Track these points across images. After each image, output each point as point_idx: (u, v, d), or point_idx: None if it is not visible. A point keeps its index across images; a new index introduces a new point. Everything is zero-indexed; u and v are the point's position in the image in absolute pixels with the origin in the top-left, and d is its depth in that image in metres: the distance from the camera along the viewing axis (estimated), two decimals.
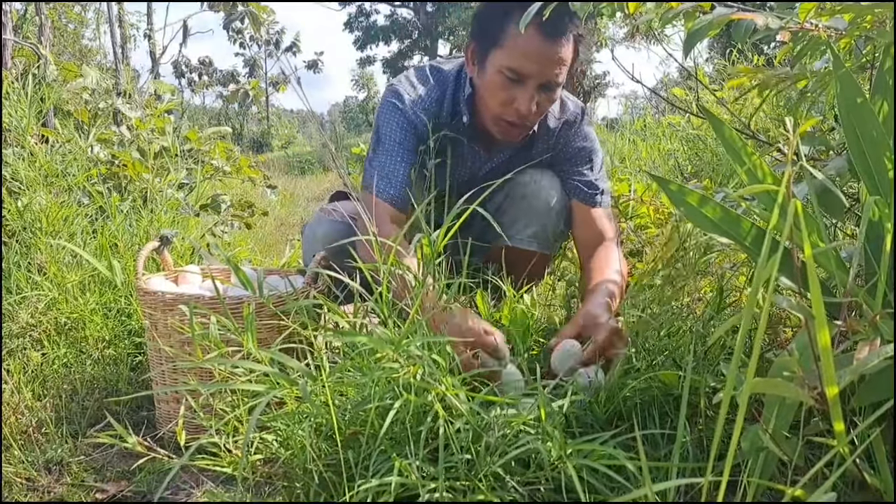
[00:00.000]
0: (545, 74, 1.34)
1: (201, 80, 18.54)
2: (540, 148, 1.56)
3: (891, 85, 0.88)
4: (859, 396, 0.69)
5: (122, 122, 2.62)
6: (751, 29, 1.00)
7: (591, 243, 1.50)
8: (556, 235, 1.52)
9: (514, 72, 1.34)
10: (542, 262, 1.53)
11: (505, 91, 1.37)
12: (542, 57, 1.32)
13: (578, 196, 1.53)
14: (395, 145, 1.44)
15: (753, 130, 1.36)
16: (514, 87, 1.36)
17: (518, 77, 1.34)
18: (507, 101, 1.38)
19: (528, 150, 1.56)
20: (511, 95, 1.37)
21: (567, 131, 1.55)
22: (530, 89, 1.35)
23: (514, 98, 1.36)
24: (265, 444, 1.04)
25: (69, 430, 1.34)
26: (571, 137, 1.55)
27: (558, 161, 1.56)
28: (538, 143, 1.55)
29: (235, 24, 5.16)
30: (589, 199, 1.52)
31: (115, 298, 1.73)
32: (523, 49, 1.32)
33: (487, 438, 0.86)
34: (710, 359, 1.12)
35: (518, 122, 1.41)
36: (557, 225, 1.51)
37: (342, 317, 1.04)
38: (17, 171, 2.05)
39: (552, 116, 1.54)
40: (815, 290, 0.56)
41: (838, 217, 1.01)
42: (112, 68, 6.17)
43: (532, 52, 1.32)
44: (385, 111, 1.48)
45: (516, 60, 1.33)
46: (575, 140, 1.55)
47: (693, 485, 0.89)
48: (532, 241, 1.49)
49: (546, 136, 1.55)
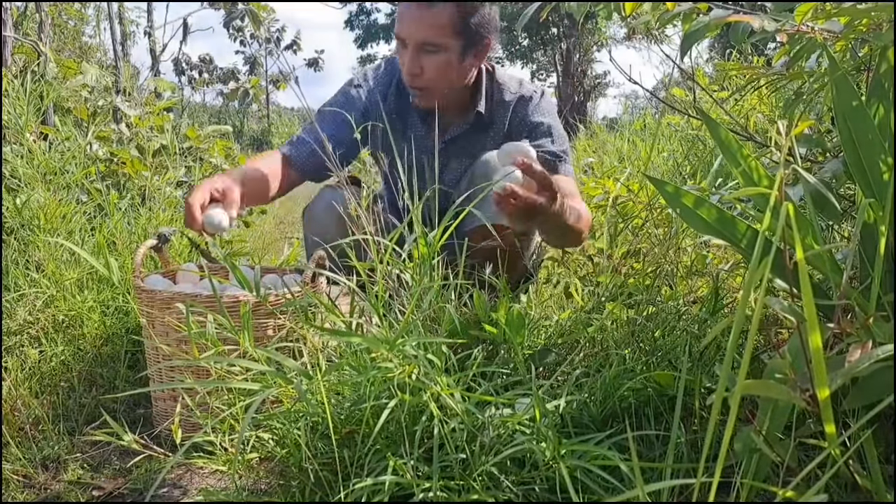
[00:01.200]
0: (414, 35, 1.48)
1: (201, 77, 18.52)
2: (497, 123, 1.63)
3: (887, 88, 0.88)
4: (851, 399, 0.69)
5: (122, 120, 2.62)
6: (748, 31, 1.00)
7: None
8: None
9: (397, 36, 1.51)
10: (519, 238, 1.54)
11: (401, 57, 1.53)
12: (410, 19, 1.48)
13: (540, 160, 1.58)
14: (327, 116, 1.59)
15: (751, 132, 1.36)
16: (402, 52, 1.51)
17: (400, 41, 1.51)
18: (402, 66, 1.52)
19: (483, 128, 1.64)
20: (402, 59, 1.52)
21: (523, 107, 1.62)
22: (410, 51, 1.49)
23: (403, 62, 1.52)
24: (261, 442, 1.04)
25: (66, 427, 1.34)
26: (529, 113, 1.62)
27: (517, 136, 1.61)
28: (495, 118, 1.63)
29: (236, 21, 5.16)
30: (550, 167, 1.55)
31: (113, 296, 1.73)
32: (400, 14, 1.51)
33: (482, 438, 0.86)
34: (706, 360, 1.12)
35: (412, 84, 1.53)
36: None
37: (338, 317, 1.04)
38: (15, 169, 2.05)
39: (507, 91, 1.64)
40: (807, 292, 0.56)
41: (834, 220, 1.02)
42: (112, 65, 6.16)
43: (403, 15, 1.49)
44: (335, 93, 1.65)
45: (397, 26, 1.51)
46: (533, 115, 1.62)
47: (687, 485, 0.90)
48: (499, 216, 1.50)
49: (502, 110, 1.63)
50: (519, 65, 19.06)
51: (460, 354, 1.07)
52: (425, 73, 1.51)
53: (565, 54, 17.06)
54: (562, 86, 17.08)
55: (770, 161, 1.25)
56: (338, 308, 1.10)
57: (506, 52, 18.96)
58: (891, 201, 0.79)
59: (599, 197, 1.79)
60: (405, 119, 1.63)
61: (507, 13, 16.97)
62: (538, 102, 1.63)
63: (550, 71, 18.84)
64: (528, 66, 19.38)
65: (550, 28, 16.97)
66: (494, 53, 1.75)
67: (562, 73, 17.24)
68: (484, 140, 1.64)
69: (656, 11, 0.98)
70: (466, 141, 1.64)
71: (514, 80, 1.67)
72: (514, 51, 18.74)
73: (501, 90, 1.63)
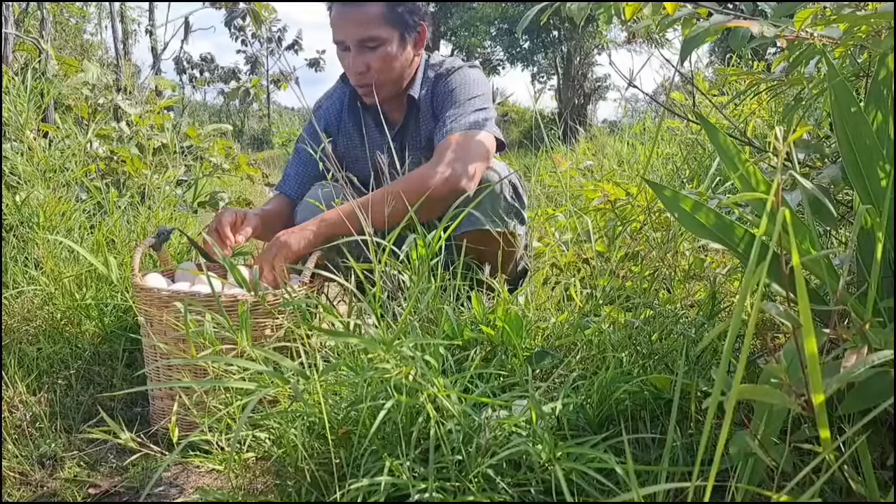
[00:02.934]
0: (352, 35, 1.56)
1: (202, 76, 18.52)
2: (424, 107, 1.69)
3: (885, 94, 0.89)
4: (846, 404, 0.69)
5: (122, 118, 2.62)
6: (747, 36, 1.00)
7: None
8: (506, 210, 1.54)
9: (336, 42, 1.60)
10: (507, 241, 1.55)
11: (344, 61, 1.62)
12: (344, 20, 1.57)
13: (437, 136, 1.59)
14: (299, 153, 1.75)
15: (749, 137, 1.36)
16: (344, 55, 1.61)
17: (340, 44, 1.60)
18: (348, 69, 1.62)
19: (417, 112, 1.69)
20: (346, 62, 1.61)
21: (439, 79, 1.68)
22: (352, 51, 1.58)
23: (347, 64, 1.61)
24: (258, 442, 1.04)
25: (63, 425, 1.34)
26: (445, 83, 1.67)
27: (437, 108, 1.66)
28: (422, 103, 1.68)
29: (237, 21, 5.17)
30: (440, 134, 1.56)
31: (112, 294, 1.73)
32: (332, 22, 1.59)
33: (478, 440, 0.87)
34: (703, 363, 1.13)
35: (361, 82, 1.61)
36: (504, 200, 1.54)
37: (336, 317, 1.04)
38: (15, 166, 2.05)
39: (433, 71, 1.70)
40: (803, 297, 0.56)
41: (831, 225, 1.02)
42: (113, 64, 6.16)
43: (336, 20, 1.58)
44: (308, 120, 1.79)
45: (334, 33, 1.59)
46: (447, 85, 1.66)
47: (683, 489, 0.90)
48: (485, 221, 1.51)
49: (428, 92, 1.68)
50: (520, 67, 19.07)
51: (458, 356, 1.07)
52: (371, 68, 1.58)
53: (566, 57, 17.07)
54: (562, 88, 17.09)
55: (769, 166, 1.25)
56: (335, 309, 1.10)
57: (507, 55, 18.98)
58: (888, 207, 0.80)
59: (598, 200, 1.80)
60: (360, 128, 1.74)
61: (508, 15, 16.97)
62: (452, 74, 1.67)
63: (551, 74, 18.85)
64: (528, 69, 19.40)
65: (551, 31, 16.98)
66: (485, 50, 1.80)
67: (562, 76, 17.25)
68: (417, 122, 1.70)
69: (656, 16, 0.98)
70: (409, 129, 1.70)
71: (448, 61, 1.72)
72: (514, 53, 18.74)
73: (428, 75, 1.69)
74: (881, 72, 0.90)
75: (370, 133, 1.73)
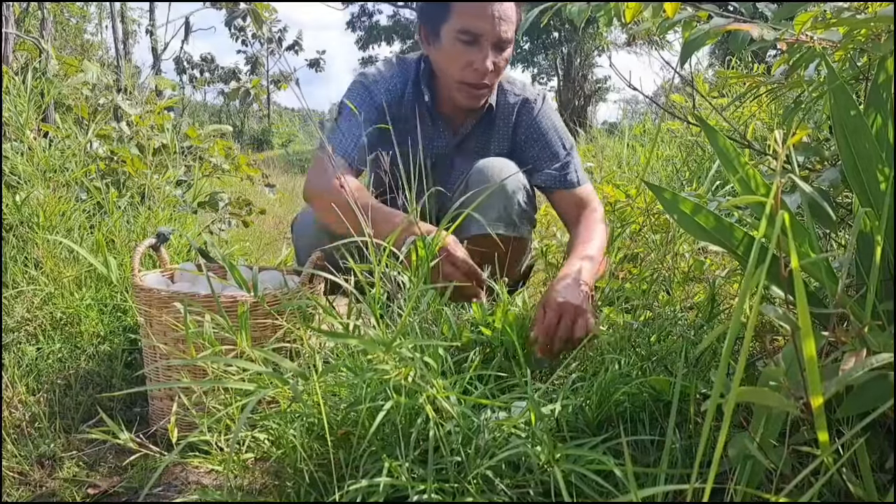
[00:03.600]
0: (495, 31, 1.46)
1: (202, 76, 18.52)
2: (500, 125, 1.63)
3: (885, 98, 0.89)
4: (845, 407, 0.69)
5: (122, 118, 2.62)
6: (747, 39, 1.01)
7: (573, 220, 1.58)
8: (519, 215, 1.53)
9: (469, 33, 1.46)
10: (518, 246, 1.55)
11: (463, 55, 1.49)
12: (489, 14, 1.45)
13: (553, 182, 1.60)
14: (352, 116, 1.53)
15: (749, 140, 1.37)
16: (470, 49, 1.48)
17: (472, 38, 1.47)
18: (466, 65, 1.49)
19: (489, 124, 1.64)
20: (469, 57, 1.48)
21: (529, 111, 1.63)
22: (485, 48, 1.47)
23: (472, 60, 1.48)
24: (257, 442, 1.04)
25: (62, 425, 1.34)
26: (536, 118, 1.63)
27: (528, 144, 1.63)
28: (497, 119, 1.63)
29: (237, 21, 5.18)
30: (563, 182, 1.58)
31: (111, 294, 1.73)
32: (472, 10, 1.46)
33: (477, 441, 0.87)
34: (701, 366, 1.13)
35: (479, 82, 1.51)
36: (518, 205, 1.53)
37: (335, 318, 1.04)
38: (15, 166, 2.05)
39: (511, 93, 1.64)
40: (802, 300, 0.56)
41: (830, 228, 1.02)
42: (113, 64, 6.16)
43: (479, 11, 1.45)
44: (350, 90, 1.59)
45: (468, 22, 1.46)
46: (541, 121, 1.63)
47: (681, 491, 0.90)
48: (498, 225, 1.50)
49: (507, 111, 1.63)
50: (520, 68, 19.08)
51: (457, 357, 1.08)
52: (497, 69, 1.51)
53: (566, 58, 17.08)
54: (562, 90, 17.10)
55: (768, 169, 1.26)
56: (335, 310, 1.10)
57: None
58: (887, 210, 0.80)
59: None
60: (415, 119, 1.61)
61: None
62: (542, 106, 1.64)
63: (551, 75, 18.87)
64: (528, 70, 19.41)
65: (552, 32, 17.00)
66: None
67: (562, 78, 17.26)
68: (489, 137, 1.64)
69: (656, 18, 0.98)
70: (474, 139, 1.65)
71: (518, 82, 1.68)
72: (515, 54, 18.76)
73: (505, 90, 1.64)
74: (881, 75, 0.91)
75: (424, 128, 1.60)
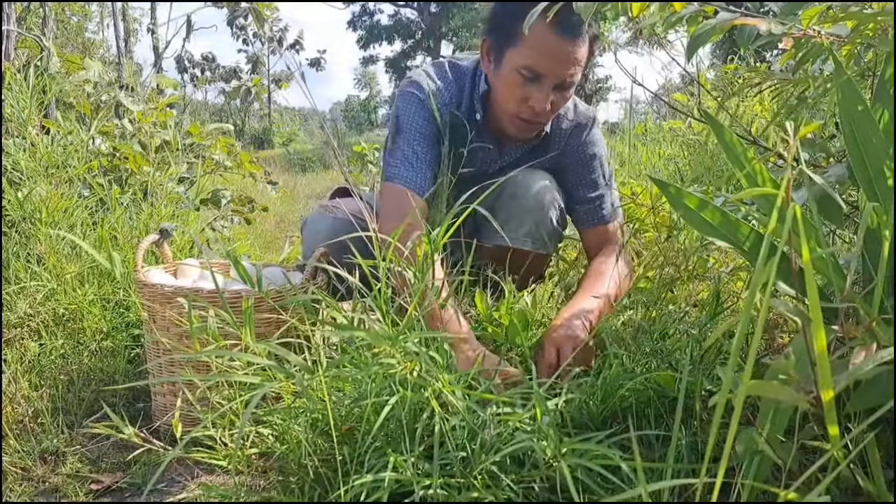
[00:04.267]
0: (561, 74, 1.36)
1: (204, 75, 18.51)
2: (552, 150, 1.57)
3: (891, 93, 0.88)
4: (854, 401, 0.69)
5: (124, 115, 2.62)
6: (754, 34, 1.00)
7: (595, 252, 1.55)
8: (550, 234, 1.50)
9: (531, 70, 1.35)
10: (539, 261, 1.53)
11: (521, 89, 1.38)
12: (559, 56, 1.34)
13: (587, 214, 1.56)
14: (416, 134, 1.43)
15: (754, 136, 1.36)
16: (530, 86, 1.37)
17: (534, 76, 1.36)
18: (523, 100, 1.39)
19: (542, 151, 1.57)
20: (527, 94, 1.38)
21: (578, 135, 1.57)
22: (546, 88, 1.37)
23: (530, 97, 1.38)
24: (261, 438, 1.04)
25: (65, 420, 1.34)
26: (583, 143, 1.57)
27: (570, 167, 1.58)
28: (552, 144, 1.57)
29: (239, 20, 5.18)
30: (597, 216, 1.55)
31: (114, 290, 1.73)
32: (541, 48, 1.33)
33: (483, 436, 0.86)
34: (706, 362, 1.12)
35: (533, 119, 1.42)
36: (551, 223, 1.51)
37: (340, 312, 1.04)
38: (17, 162, 2.05)
39: (565, 119, 1.56)
40: (813, 293, 0.56)
41: (838, 223, 1.02)
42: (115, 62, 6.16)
43: (549, 51, 1.33)
44: (405, 101, 1.47)
45: (533, 59, 1.34)
46: (586, 146, 1.57)
47: (687, 487, 0.90)
48: (526, 241, 1.48)
49: (558, 137, 1.57)
50: None
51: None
52: (554, 108, 1.42)
53: None
54: None
55: (773, 165, 1.25)
56: (339, 306, 1.10)
57: None
58: (895, 205, 0.80)
59: None
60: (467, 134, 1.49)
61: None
62: (590, 130, 1.58)
63: None
64: None
65: None
66: None
67: None
68: (541, 162, 1.57)
69: (663, 12, 0.98)
70: (525, 162, 1.56)
71: (573, 104, 1.59)
72: None
73: (560, 116, 1.55)
74: (888, 70, 0.90)
75: (474, 146, 1.49)
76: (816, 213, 0.87)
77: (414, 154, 1.42)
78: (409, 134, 1.44)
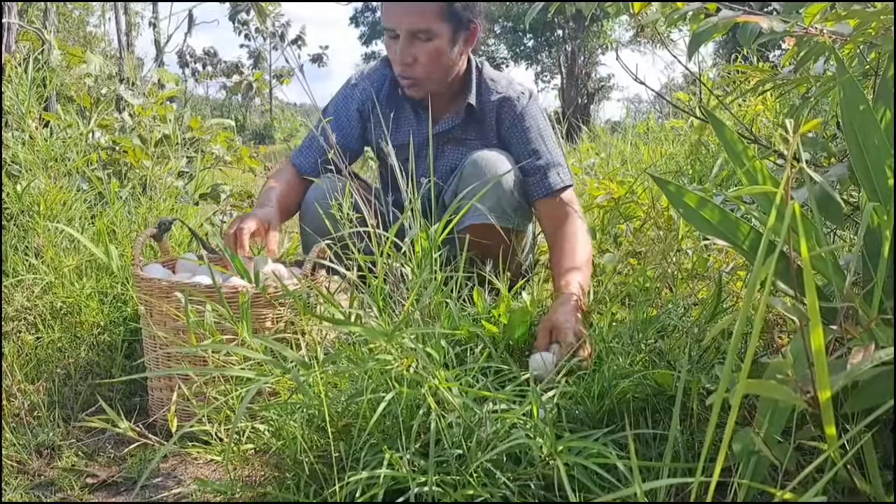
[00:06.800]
0: (405, 22, 1.50)
1: (205, 70, 18.49)
2: (486, 121, 1.65)
3: (893, 93, 0.88)
4: (852, 402, 0.69)
5: (125, 109, 2.61)
6: (756, 32, 1.00)
7: (549, 224, 1.57)
8: (513, 207, 1.53)
9: (388, 29, 1.54)
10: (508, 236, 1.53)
11: (391, 51, 1.56)
12: (401, 8, 1.51)
13: (535, 185, 1.59)
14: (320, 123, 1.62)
15: (755, 135, 1.36)
16: (392, 44, 1.55)
17: (393, 34, 1.53)
18: (394, 58, 1.56)
19: (476, 123, 1.65)
20: (393, 51, 1.55)
21: (511, 108, 1.63)
22: (401, 40, 1.52)
23: (395, 53, 1.54)
24: (257, 433, 1.04)
25: (61, 414, 1.34)
26: (518, 115, 1.63)
27: (511, 140, 1.63)
28: (485, 116, 1.64)
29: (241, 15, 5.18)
30: (544, 186, 1.58)
31: (112, 284, 1.72)
32: (386, 6, 1.54)
33: (479, 433, 0.86)
34: (705, 361, 1.12)
35: (404, 74, 1.56)
36: (512, 195, 1.53)
37: (337, 307, 1.04)
38: (16, 155, 2.04)
39: (494, 91, 1.64)
40: (811, 292, 0.56)
41: (837, 223, 1.01)
42: (116, 56, 6.15)
43: (391, 5, 1.53)
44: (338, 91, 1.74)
45: (384, 17, 1.55)
46: (523, 118, 1.63)
47: (683, 486, 0.89)
48: (490, 216, 1.50)
49: (488, 108, 1.64)
50: (524, 66, 19.07)
51: (457, 350, 1.07)
52: (418, 61, 1.53)
53: (570, 56, 17.06)
54: (566, 88, 17.08)
55: (774, 164, 1.25)
56: (336, 301, 1.10)
57: (511, 53, 18.96)
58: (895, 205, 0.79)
59: (602, 197, 1.79)
60: (399, 114, 1.67)
61: (512, 13, 16.95)
62: (525, 105, 1.63)
63: (555, 73, 18.85)
64: (532, 68, 19.38)
65: (556, 30, 16.96)
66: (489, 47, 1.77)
67: (566, 75, 17.24)
68: (476, 131, 1.66)
69: (666, 9, 0.97)
70: (461, 132, 1.66)
71: (503, 79, 1.67)
72: (519, 52, 18.73)
73: (489, 88, 1.64)
74: (890, 69, 0.90)
75: (408, 122, 1.68)
76: (816, 211, 0.87)
77: (311, 141, 1.69)
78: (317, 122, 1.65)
